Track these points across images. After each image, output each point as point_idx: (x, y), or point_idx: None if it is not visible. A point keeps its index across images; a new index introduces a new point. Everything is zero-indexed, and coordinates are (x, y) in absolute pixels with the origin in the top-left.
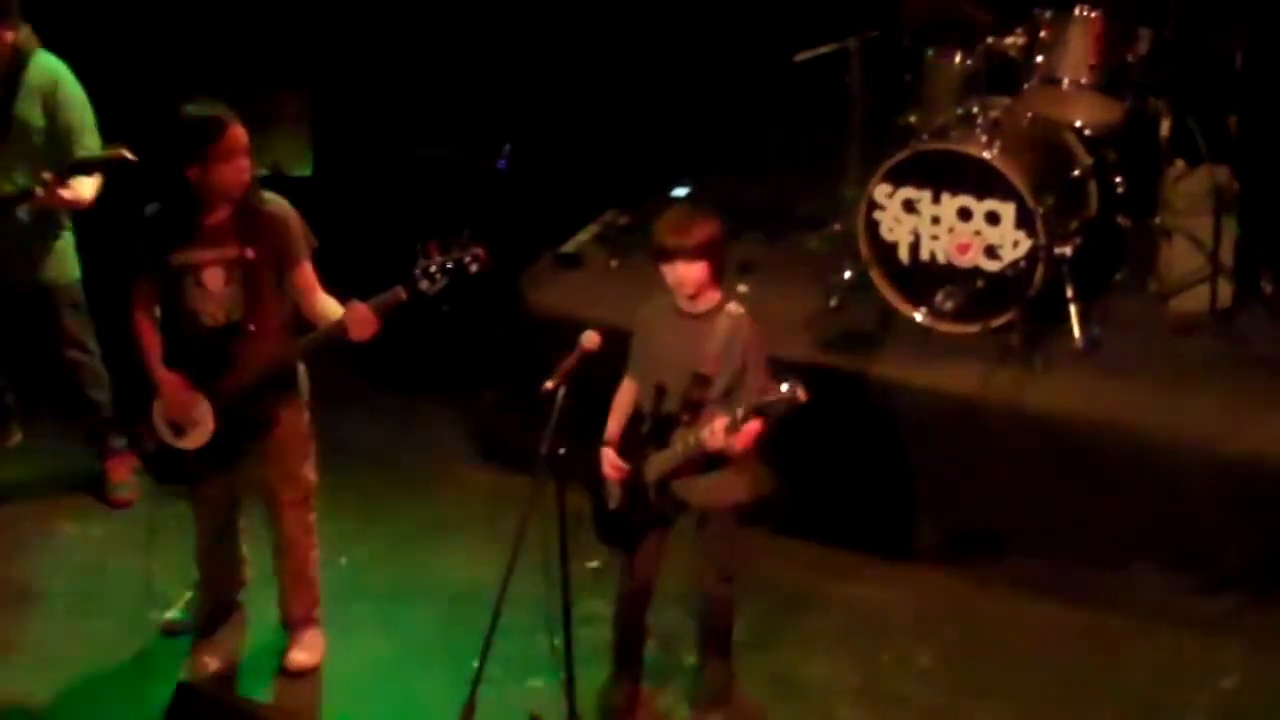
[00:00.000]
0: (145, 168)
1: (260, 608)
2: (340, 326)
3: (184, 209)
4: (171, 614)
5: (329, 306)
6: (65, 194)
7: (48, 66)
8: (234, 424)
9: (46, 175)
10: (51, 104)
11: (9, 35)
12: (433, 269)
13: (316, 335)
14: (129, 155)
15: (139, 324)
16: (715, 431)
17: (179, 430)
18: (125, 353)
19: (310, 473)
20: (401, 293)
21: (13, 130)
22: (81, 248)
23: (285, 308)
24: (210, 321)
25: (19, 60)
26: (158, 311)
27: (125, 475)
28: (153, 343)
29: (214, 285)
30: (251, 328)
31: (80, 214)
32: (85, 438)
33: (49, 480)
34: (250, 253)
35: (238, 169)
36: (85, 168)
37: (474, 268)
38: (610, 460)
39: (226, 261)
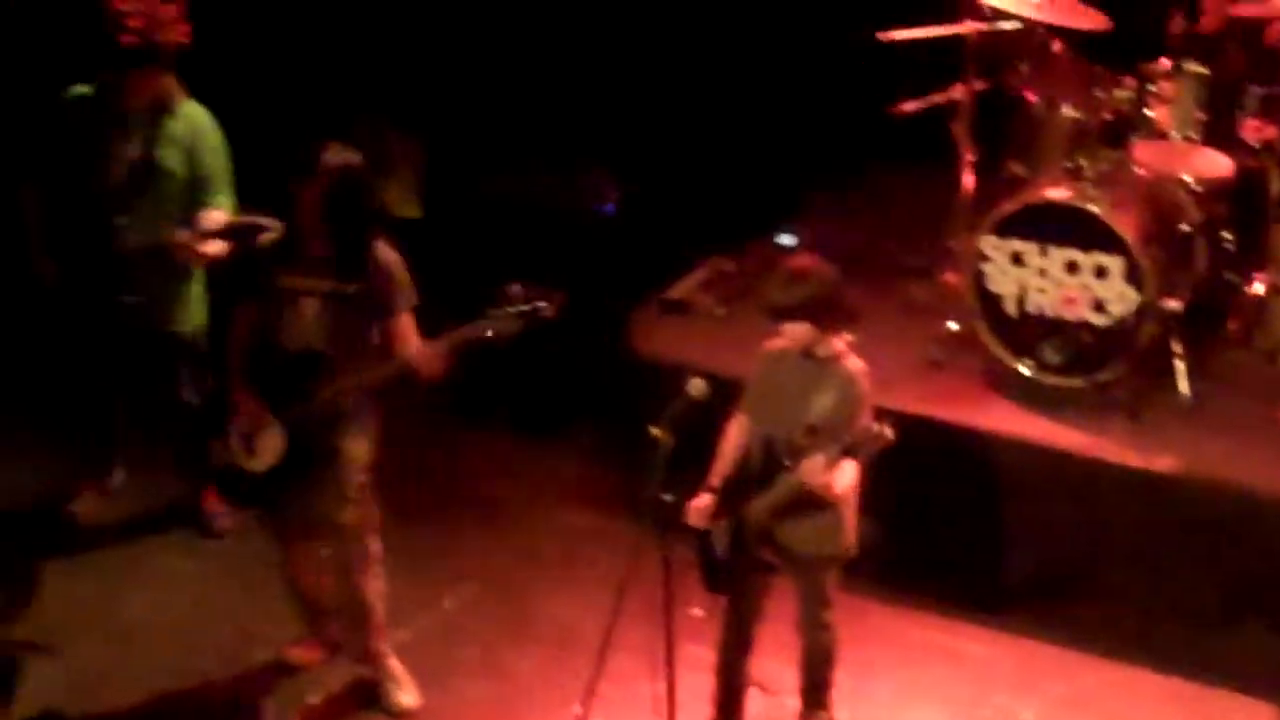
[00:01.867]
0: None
1: None
2: (407, 364)
3: (292, 234)
4: (291, 650)
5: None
6: (205, 249)
7: (192, 115)
8: (301, 450)
9: (183, 236)
10: (194, 153)
11: (159, 78)
12: (505, 311)
13: (383, 369)
14: (272, 226)
15: (233, 342)
16: (811, 469)
17: (251, 451)
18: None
19: (367, 502)
20: (472, 331)
21: (155, 179)
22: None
23: (372, 351)
24: (294, 348)
25: (164, 108)
26: (252, 334)
27: (221, 506)
28: (241, 363)
29: (307, 313)
30: (330, 361)
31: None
32: (183, 472)
33: (154, 517)
34: (349, 289)
35: (311, 215)
36: (229, 233)
37: (546, 314)
38: (699, 505)
39: (323, 293)
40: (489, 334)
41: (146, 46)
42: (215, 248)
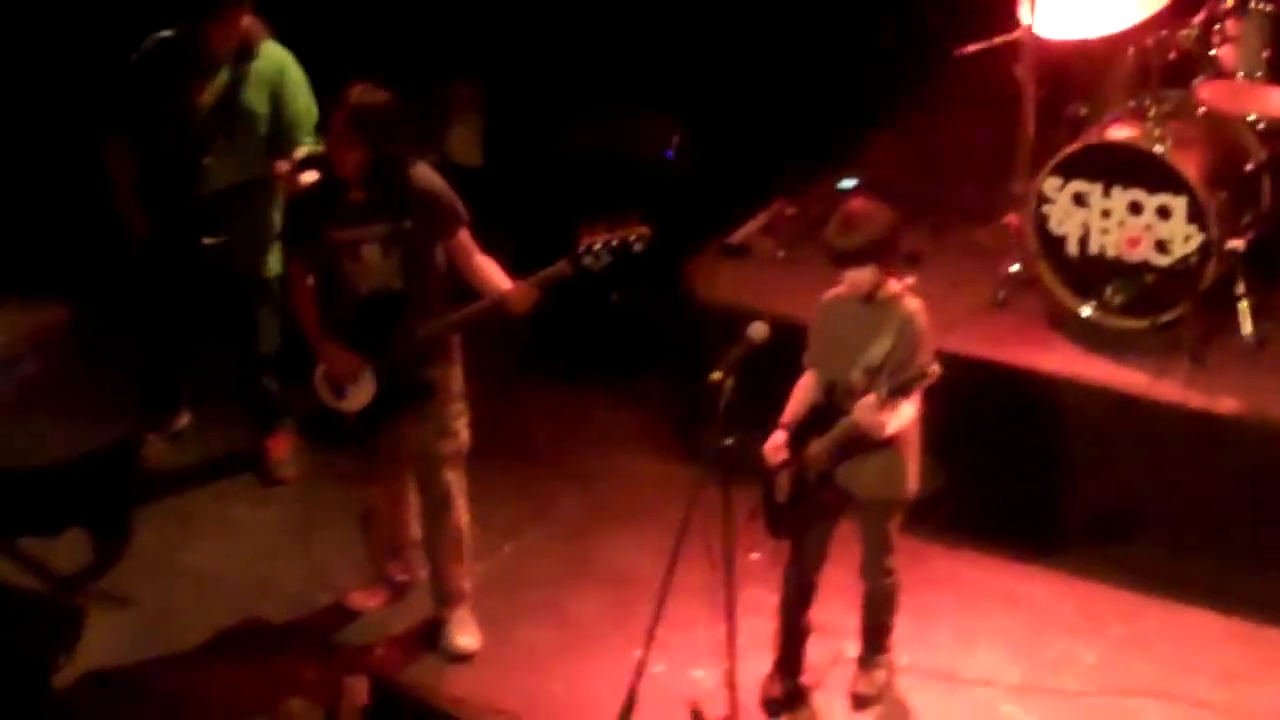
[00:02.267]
0: None
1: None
2: (501, 300)
3: (330, 186)
4: (355, 596)
5: (491, 271)
6: (304, 180)
7: (275, 56)
8: (394, 388)
9: (283, 165)
10: (278, 94)
11: (241, 20)
12: (597, 245)
13: (477, 306)
14: None
15: (298, 295)
16: (864, 408)
17: (340, 393)
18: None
19: (464, 430)
20: (566, 267)
21: (240, 120)
22: None
23: (443, 277)
24: (369, 292)
25: (247, 50)
26: (313, 282)
27: (285, 453)
28: (311, 312)
29: (372, 259)
30: (412, 297)
31: None
32: (251, 418)
33: (218, 463)
34: (408, 224)
35: (335, 154)
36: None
37: (638, 246)
38: (774, 440)
39: (383, 237)
40: (585, 266)
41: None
42: (310, 178)
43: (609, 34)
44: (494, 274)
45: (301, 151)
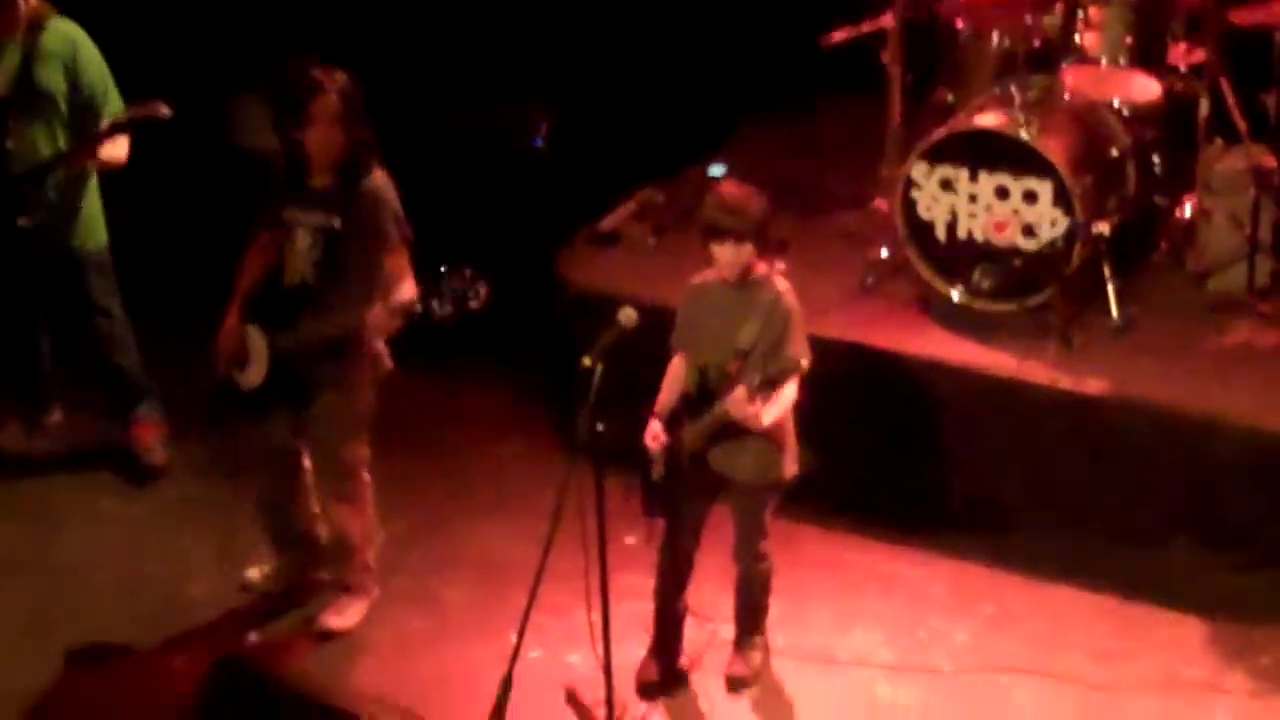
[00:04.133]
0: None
1: None
2: (354, 324)
3: (295, 167)
4: (250, 572)
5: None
6: (102, 154)
7: (64, 32)
8: (281, 379)
9: (75, 144)
10: (72, 69)
11: (23, 5)
12: (443, 294)
13: (332, 324)
14: (165, 111)
15: (244, 260)
16: (736, 400)
17: (241, 368)
18: (153, 314)
19: (354, 451)
20: (415, 306)
21: (35, 98)
22: (107, 211)
23: (370, 285)
24: (290, 279)
25: (36, 27)
26: (264, 264)
27: (153, 439)
28: (244, 281)
29: (301, 246)
30: (319, 295)
31: (108, 177)
32: (110, 407)
33: (88, 455)
34: (336, 223)
35: (322, 137)
36: (125, 126)
37: (473, 305)
38: (652, 430)
39: (316, 226)
40: (430, 310)
41: None
42: (110, 150)
43: (476, 22)
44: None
45: (105, 124)
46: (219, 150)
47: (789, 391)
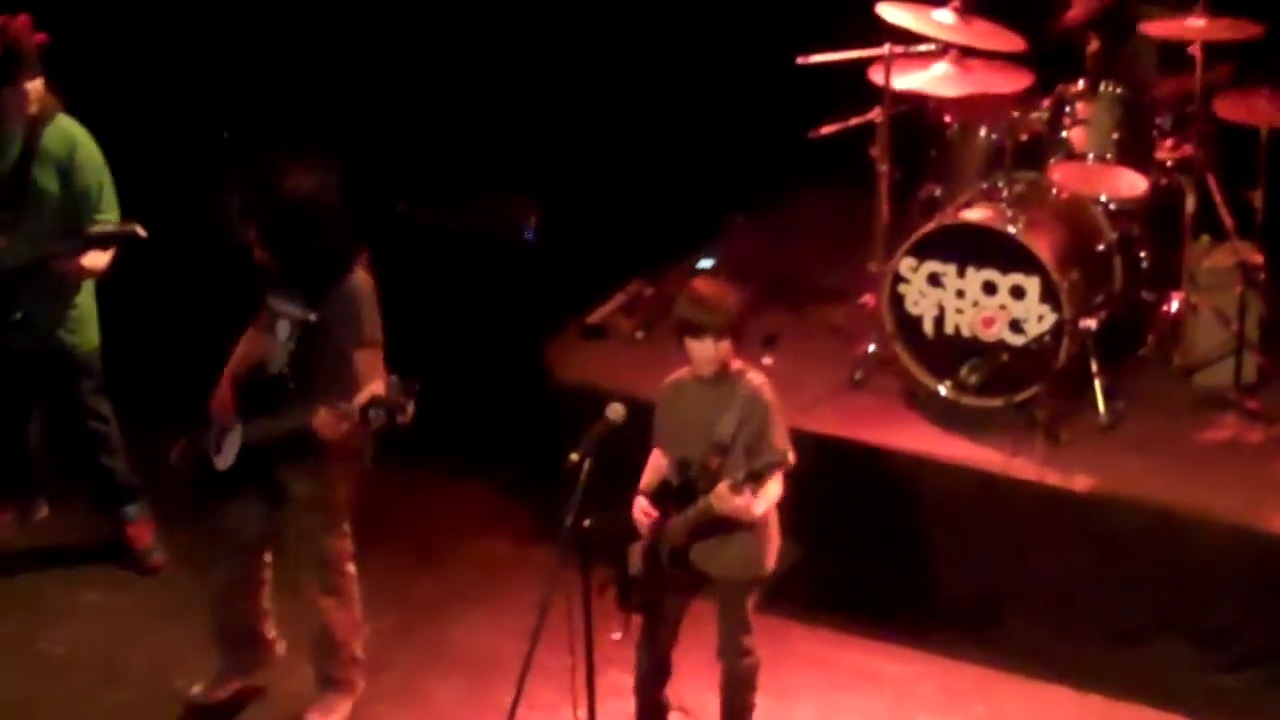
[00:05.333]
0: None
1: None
2: (310, 424)
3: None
4: (195, 689)
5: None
6: (83, 264)
7: (65, 131)
8: (250, 466)
9: (61, 249)
10: (68, 170)
11: (33, 88)
12: (380, 406)
13: (286, 422)
14: (140, 232)
15: (237, 350)
16: (720, 495)
17: (219, 448)
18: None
19: (332, 541)
20: (355, 413)
21: (29, 197)
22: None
23: (337, 382)
24: (271, 369)
25: (38, 125)
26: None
27: (150, 539)
28: (231, 362)
29: (281, 336)
30: (292, 387)
31: (99, 281)
32: (98, 504)
33: (73, 550)
34: (313, 316)
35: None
36: (100, 241)
37: (399, 419)
38: (640, 505)
39: (294, 318)
40: (368, 419)
41: (10, 55)
42: (94, 260)
43: (466, 116)
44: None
45: (81, 238)
46: (210, 242)
47: (775, 485)
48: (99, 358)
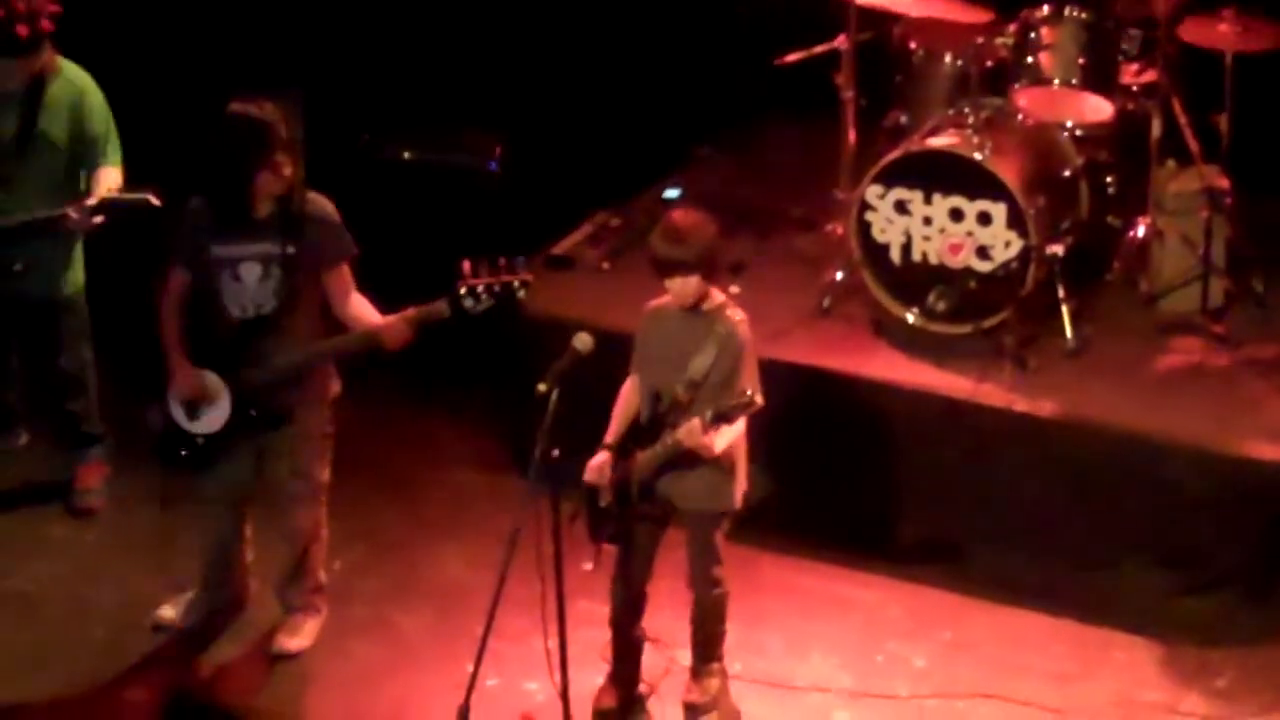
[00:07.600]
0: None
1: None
2: (376, 335)
3: (233, 205)
4: (164, 611)
5: (363, 310)
6: (94, 223)
7: (72, 79)
8: (250, 414)
9: (73, 212)
10: (77, 117)
11: (38, 60)
12: (479, 289)
13: (350, 338)
14: (155, 201)
15: (164, 308)
16: (689, 431)
17: (194, 414)
18: (121, 357)
19: (322, 471)
20: (444, 307)
21: (37, 151)
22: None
23: (317, 307)
24: (240, 314)
25: (42, 78)
26: (184, 304)
27: (95, 482)
28: (174, 328)
29: (249, 279)
30: (281, 322)
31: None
32: (57, 441)
33: (45, 485)
34: (291, 249)
35: (273, 171)
36: (114, 208)
37: (521, 293)
38: (596, 462)
39: (265, 256)
40: (465, 308)
41: (36, 36)
42: (101, 219)
43: (429, 47)
44: (366, 310)
45: (111, 176)
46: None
47: (739, 423)
48: (84, 300)
